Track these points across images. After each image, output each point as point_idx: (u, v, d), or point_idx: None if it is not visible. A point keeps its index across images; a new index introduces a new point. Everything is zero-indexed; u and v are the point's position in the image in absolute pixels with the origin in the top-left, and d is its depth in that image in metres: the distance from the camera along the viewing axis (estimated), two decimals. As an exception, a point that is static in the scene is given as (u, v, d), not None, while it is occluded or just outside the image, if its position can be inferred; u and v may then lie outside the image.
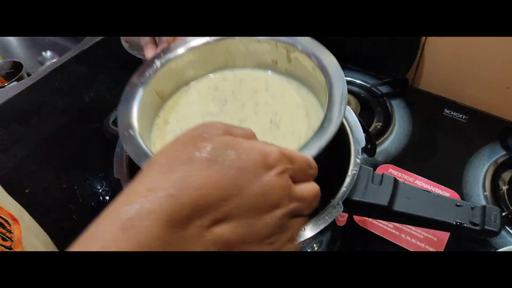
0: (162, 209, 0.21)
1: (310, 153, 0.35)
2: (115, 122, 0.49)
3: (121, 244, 0.20)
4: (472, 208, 0.41)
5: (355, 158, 0.43)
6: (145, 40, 0.50)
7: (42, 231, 0.52)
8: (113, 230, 0.21)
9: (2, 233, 0.41)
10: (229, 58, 0.50)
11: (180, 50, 0.47)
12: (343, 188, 0.41)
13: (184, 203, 0.22)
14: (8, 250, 0.41)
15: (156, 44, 0.50)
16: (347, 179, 0.41)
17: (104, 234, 0.21)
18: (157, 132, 0.45)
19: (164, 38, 0.48)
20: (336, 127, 0.37)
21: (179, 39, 0.48)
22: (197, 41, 0.47)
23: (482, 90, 0.76)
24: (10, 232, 0.42)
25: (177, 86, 0.49)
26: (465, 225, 0.40)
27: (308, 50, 0.44)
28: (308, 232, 0.37)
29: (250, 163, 0.24)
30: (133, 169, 0.45)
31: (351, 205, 0.42)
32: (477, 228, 0.40)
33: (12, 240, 0.42)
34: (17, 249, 0.41)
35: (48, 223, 0.65)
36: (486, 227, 0.40)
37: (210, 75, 0.50)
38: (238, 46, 0.48)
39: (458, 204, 0.41)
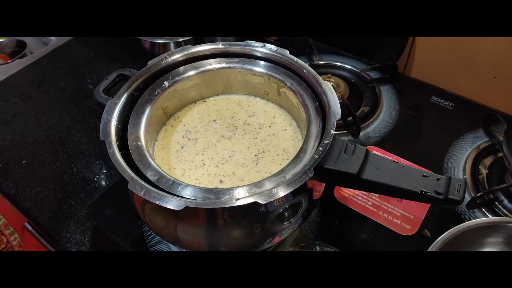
0: None
1: (286, 177, 0.41)
2: (104, 90, 0.51)
3: None
4: (438, 179, 0.43)
5: (330, 130, 0.45)
6: None
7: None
8: None
9: None
10: (228, 85, 0.57)
11: (187, 74, 0.53)
12: (315, 156, 0.42)
13: None
14: None
15: None
16: (320, 148, 0.43)
17: None
18: (160, 141, 0.53)
19: None
20: (309, 158, 0.43)
21: None
22: (202, 67, 0.54)
23: (470, 79, 0.77)
24: None
25: (180, 105, 0.56)
26: (429, 193, 0.42)
27: (295, 88, 0.51)
28: (281, 192, 0.40)
29: None
30: (120, 134, 0.47)
31: (323, 173, 0.44)
32: (441, 197, 0.41)
33: None
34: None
35: (42, 193, 0.68)
36: (449, 196, 0.41)
37: (210, 97, 0.58)
38: (237, 76, 0.55)
39: (424, 174, 0.43)
